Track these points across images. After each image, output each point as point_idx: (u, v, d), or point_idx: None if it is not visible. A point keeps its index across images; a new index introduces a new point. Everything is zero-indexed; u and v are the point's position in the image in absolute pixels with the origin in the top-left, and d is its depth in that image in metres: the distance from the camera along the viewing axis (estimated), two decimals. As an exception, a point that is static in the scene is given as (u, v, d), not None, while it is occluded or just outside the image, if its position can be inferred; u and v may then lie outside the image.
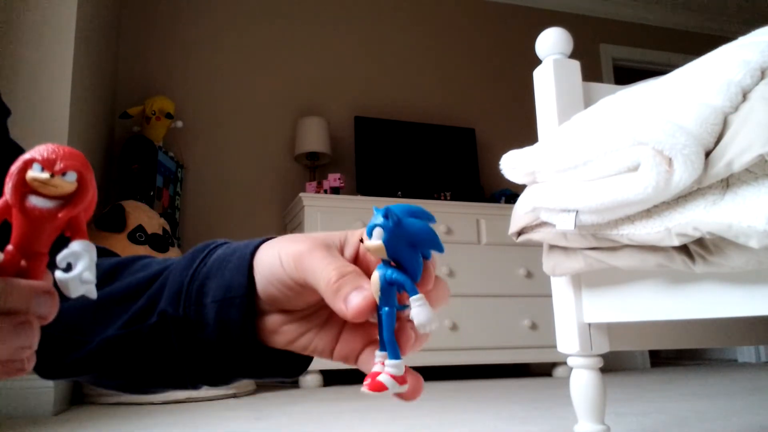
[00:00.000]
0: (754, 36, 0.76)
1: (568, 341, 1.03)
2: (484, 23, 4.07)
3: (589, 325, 1.02)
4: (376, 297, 0.31)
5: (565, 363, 2.96)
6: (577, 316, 1.02)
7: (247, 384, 2.40)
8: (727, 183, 0.68)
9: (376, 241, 0.30)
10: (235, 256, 0.38)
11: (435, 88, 3.81)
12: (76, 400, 2.22)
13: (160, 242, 2.35)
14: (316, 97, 3.54)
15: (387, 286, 0.31)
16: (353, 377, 3.06)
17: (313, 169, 3.31)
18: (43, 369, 0.43)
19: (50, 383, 1.85)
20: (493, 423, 1.45)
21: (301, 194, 2.82)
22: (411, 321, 0.31)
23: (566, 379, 1.11)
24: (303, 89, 3.52)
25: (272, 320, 0.37)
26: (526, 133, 3.78)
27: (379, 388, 0.29)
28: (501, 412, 1.65)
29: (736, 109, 0.69)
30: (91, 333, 0.41)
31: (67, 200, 0.25)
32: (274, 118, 3.42)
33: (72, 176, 0.25)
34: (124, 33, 3.27)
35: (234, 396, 2.30)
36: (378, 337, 0.32)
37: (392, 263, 0.31)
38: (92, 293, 0.26)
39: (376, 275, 0.31)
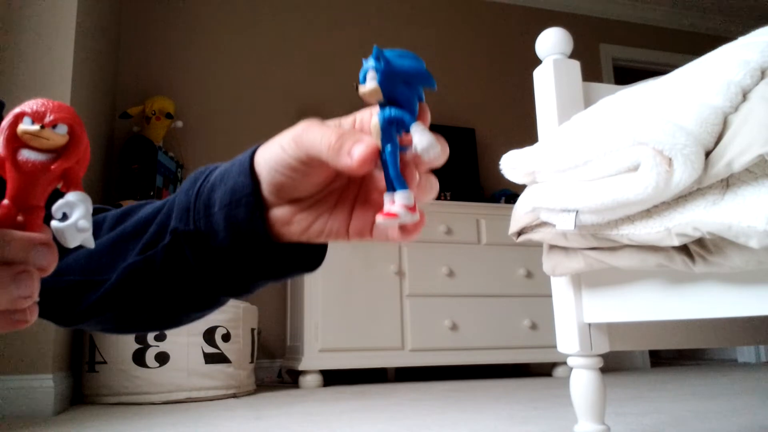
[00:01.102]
0: (754, 36, 0.76)
1: (568, 341, 1.03)
2: (484, 23, 4.07)
3: (589, 325, 1.02)
4: (378, 141, 0.32)
5: (565, 363, 2.96)
6: (577, 316, 1.02)
7: (247, 384, 2.41)
8: (727, 183, 0.68)
9: (371, 83, 0.31)
10: (235, 165, 0.39)
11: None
12: (76, 400, 2.23)
13: (160, 242, 2.35)
14: (316, 97, 3.54)
15: (387, 125, 0.31)
16: (353, 377, 3.06)
17: (313, 169, 3.30)
18: (61, 316, 0.43)
19: (50, 383, 1.85)
20: (493, 423, 1.45)
21: (301, 194, 2.82)
22: (414, 158, 0.32)
23: (566, 379, 1.11)
24: (303, 89, 3.52)
25: (284, 212, 0.38)
26: (526, 133, 3.78)
27: (392, 215, 0.30)
28: (501, 412, 1.65)
29: (736, 109, 0.69)
30: (109, 270, 0.42)
31: (59, 153, 0.26)
32: (274, 118, 3.42)
33: (63, 129, 0.25)
34: (124, 33, 3.27)
35: (234, 396, 2.30)
36: (385, 184, 0.33)
37: (389, 103, 0.32)
38: (89, 242, 0.26)
39: (375, 119, 0.32)
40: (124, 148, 2.81)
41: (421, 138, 0.31)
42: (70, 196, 0.26)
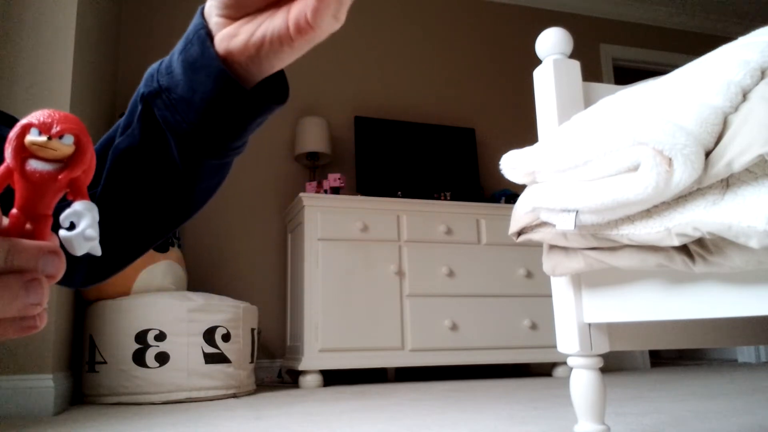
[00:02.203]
0: (754, 36, 0.76)
1: (568, 341, 1.03)
2: (484, 23, 4.07)
3: (589, 325, 1.02)
4: None
5: (565, 363, 2.96)
6: (577, 316, 1.02)
7: (247, 384, 2.41)
8: (727, 183, 0.68)
9: None
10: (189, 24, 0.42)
11: (435, 88, 3.81)
12: (76, 400, 2.23)
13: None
14: (316, 97, 3.54)
15: None
16: (353, 377, 3.07)
17: (313, 169, 3.31)
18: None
19: (50, 383, 1.85)
20: (493, 423, 1.45)
21: (301, 194, 2.83)
22: None
23: (566, 379, 1.11)
24: (303, 89, 3.52)
25: (230, 28, 0.40)
26: (526, 133, 3.79)
27: None
28: (501, 412, 1.66)
29: (736, 109, 0.69)
30: (100, 176, 0.45)
31: (66, 163, 0.26)
32: (274, 118, 3.42)
33: (69, 139, 0.26)
34: (124, 33, 3.27)
35: (234, 396, 2.30)
36: None
37: None
38: (96, 250, 0.27)
39: None
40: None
41: None
42: (77, 206, 0.26)
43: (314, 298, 2.73)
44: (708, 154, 0.68)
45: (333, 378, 2.94)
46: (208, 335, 2.25)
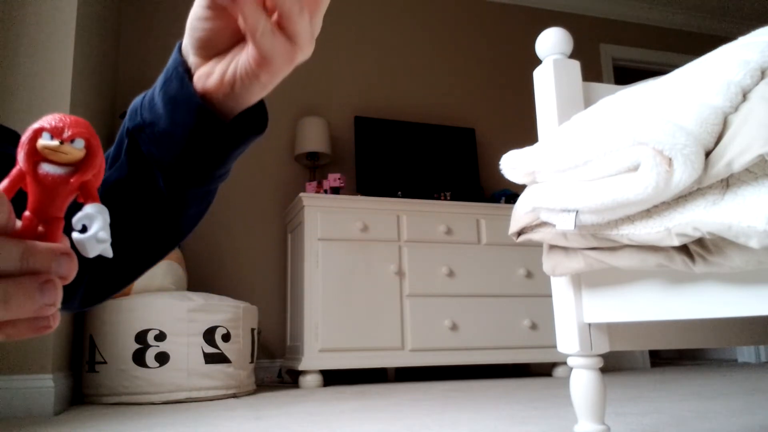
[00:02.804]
0: (754, 36, 0.76)
1: (568, 341, 1.03)
2: (484, 23, 4.07)
3: (589, 325, 1.02)
4: None
5: (565, 363, 2.96)
6: (577, 316, 1.02)
7: (247, 384, 2.41)
8: (727, 183, 0.68)
9: None
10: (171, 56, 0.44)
11: (435, 88, 3.81)
12: (76, 400, 2.23)
13: (160, 242, 2.35)
14: (316, 97, 3.54)
15: None
16: (353, 377, 3.06)
17: (313, 169, 3.31)
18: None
19: (50, 383, 1.85)
20: (493, 423, 1.45)
21: (301, 194, 2.83)
22: None
23: (566, 379, 1.11)
24: (303, 89, 3.52)
25: (206, 67, 0.42)
26: (526, 133, 3.79)
27: None
28: (501, 412, 1.66)
29: (736, 109, 0.69)
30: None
31: (77, 166, 0.27)
32: (274, 118, 3.42)
33: (80, 143, 0.27)
34: (124, 33, 3.27)
35: (234, 396, 2.30)
36: None
37: None
38: (108, 252, 0.27)
39: None
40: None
41: None
42: (89, 209, 0.27)
43: (314, 298, 2.73)
44: (708, 154, 0.68)
45: (333, 378, 2.94)
46: (208, 335, 2.25)
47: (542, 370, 3.25)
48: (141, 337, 2.16)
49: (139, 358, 2.14)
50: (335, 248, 2.81)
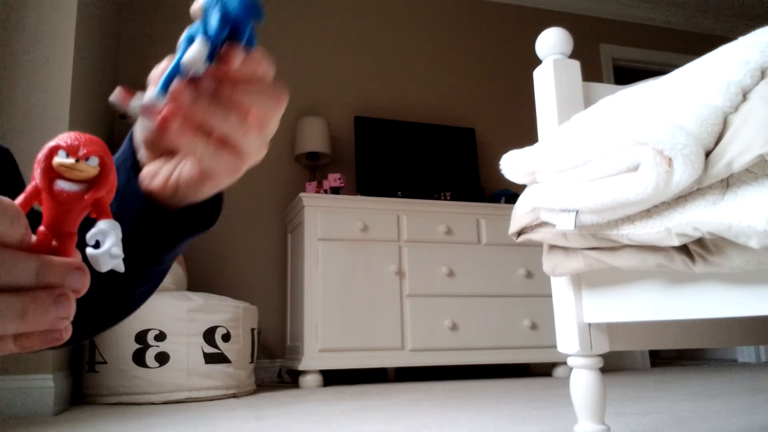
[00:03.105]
0: (754, 36, 0.76)
1: (568, 341, 1.03)
2: (484, 23, 4.07)
3: (589, 325, 1.02)
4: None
5: (565, 363, 2.96)
6: (577, 316, 1.02)
7: (247, 384, 2.41)
8: (727, 183, 0.68)
9: (199, 2, 0.33)
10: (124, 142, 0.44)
11: (435, 88, 3.81)
12: (76, 400, 2.23)
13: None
14: (316, 97, 3.54)
15: (187, 39, 0.33)
16: (353, 377, 3.06)
17: (313, 169, 3.31)
18: None
19: (50, 383, 1.85)
20: (493, 423, 1.45)
21: (301, 194, 2.82)
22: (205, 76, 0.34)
23: (566, 379, 1.11)
24: (303, 89, 3.52)
25: (153, 166, 0.42)
26: (526, 133, 3.79)
27: (126, 98, 0.31)
28: (501, 412, 1.66)
29: (736, 109, 0.69)
30: None
31: (91, 183, 0.28)
32: (274, 118, 3.42)
33: (94, 161, 0.28)
34: (124, 33, 3.27)
35: (234, 396, 2.30)
36: None
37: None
38: (120, 267, 0.28)
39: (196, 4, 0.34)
40: (124, 148, 2.81)
41: (191, 49, 0.32)
42: (103, 225, 0.28)
43: (314, 298, 2.73)
44: (708, 154, 0.68)
45: (333, 378, 2.94)
46: (208, 335, 2.25)
47: (542, 370, 3.24)
48: (141, 337, 2.15)
49: (139, 358, 2.14)
50: (335, 248, 2.81)
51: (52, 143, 0.27)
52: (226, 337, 2.30)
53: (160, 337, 2.17)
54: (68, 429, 1.54)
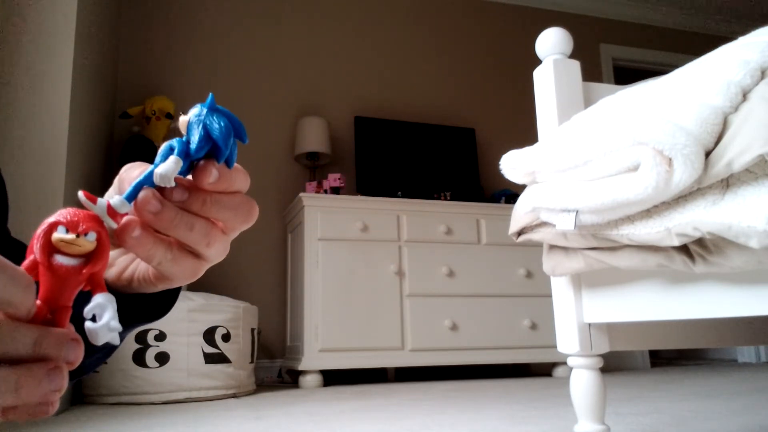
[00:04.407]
0: (754, 36, 0.76)
1: (568, 341, 1.03)
2: (484, 23, 4.07)
3: (589, 325, 1.02)
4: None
5: (565, 363, 2.96)
6: (577, 316, 1.02)
7: (247, 384, 2.41)
8: (727, 183, 0.68)
9: (185, 117, 0.33)
10: None
11: (435, 88, 3.81)
12: (76, 400, 2.23)
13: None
14: (316, 97, 3.54)
15: (166, 150, 0.33)
16: (353, 377, 3.06)
17: (313, 169, 3.31)
18: None
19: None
20: (493, 423, 1.45)
21: (301, 194, 2.83)
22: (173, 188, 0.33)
23: (566, 379, 1.11)
24: (303, 89, 3.52)
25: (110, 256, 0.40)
26: (526, 133, 3.79)
27: (92, 199, 0.30)
28: (501, 412, 1.66)
29: (736, 109, 0.69)
30: None
31: (88, 258, 0.29)
32: (274, 118, 3.43)
33: (92, 236, 0.29)
34: (124, 33, 3.27)
35: (234, 396, 2.30)
36: None
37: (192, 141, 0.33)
38: (116, 340, 0.29)
39: (184, 118, 0.34)
40: (125, 148, 2.81)
41: (162, 164, 0.32)
42: (100, 298, 0.29)
43: (314, 298, 2.73)
44: (708, 154, 0.68)
45: (333, 378, 2.94)
46: (208, 335, 2.25)
47: (542, 370, 3.25)
48: (141, 336, 2.16)
49: (139, 358, 2.14)
50: (335, 248, 2.81)
51: (51, 219, 0.28)
52: (226, 337, 2.30)
53: (160, 337, 2.17)
54: (68, 429, 1.54)
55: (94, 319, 0.28)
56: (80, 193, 0.30)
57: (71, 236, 0.28)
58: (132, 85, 3.19)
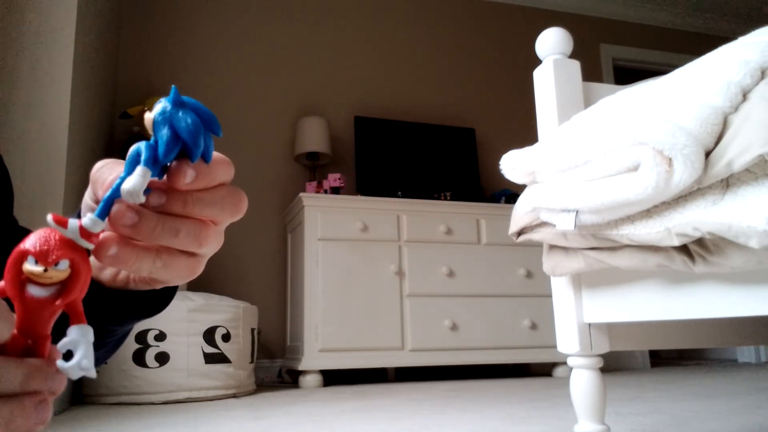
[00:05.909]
0: (754, 36, 0.76)
1: (568, 341, 1.03)
2: (484, 23, 4.07)
3: (589, 325, 1.02)
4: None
5: (565, 363, 2.96)
6: (577, 316, 1.02)
7: (247, 384, 2.41)
8: (727, 183, 0.68)
9: (150, 115, 0.31)
10: None
11: (435, 88, 3.81)
12: (76, 400, 2.23)
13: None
14: (316, 97, 3.54)
15: (134, 157, 0.30)
16: (353, 377, 3.06)
17: (313, 169, 3.31)
18: None
19: (50, 383, 1.85)
20: (493, 423, 1.45)
21: (301, 194, 2.82)
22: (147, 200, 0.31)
23: (566, 379, 1.11)
24: (303, 89, 3.52)
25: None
26: (526, 133, 3.80)
27: (62, 222, 0.28)
28: (501, 412, 1.66)
29: (736, 109, 0.69)
30: None
31: (63, 284, 0.28)
32: (274, 118, 3.43)
33: (64, 264, 0.27)
34: (124, 33, 3.27)
35: (234, 396, 2.30)
36: None
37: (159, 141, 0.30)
38: (91, 374, 0.28)
39: (149, 115, 0.31)
40: (125, 148, 2.81)
41: (129, 180, 0.29)
42: (74, 333, 0.28)
43: (314, 298, 2.73)
44: (708, 154, 0.68)
45: (333, 378, 2.94)
46: (208, 335, 2.25)
47: (542, 370, 3.24)
48: (141, 337, 2.16)
49: (139, 358, 2.14)
50: (335, 248, 2.81)
51: (21, 246, 0.27)
52: (226, 337, 2.30)
53: (160, 337, 2.17)
54: (68, 429, 1.54)
55: (69, 353, 0.28)
56: (49, 217, 0.28)
57: (40, 269, 0.27)
58: (132, 85, 3.19)
